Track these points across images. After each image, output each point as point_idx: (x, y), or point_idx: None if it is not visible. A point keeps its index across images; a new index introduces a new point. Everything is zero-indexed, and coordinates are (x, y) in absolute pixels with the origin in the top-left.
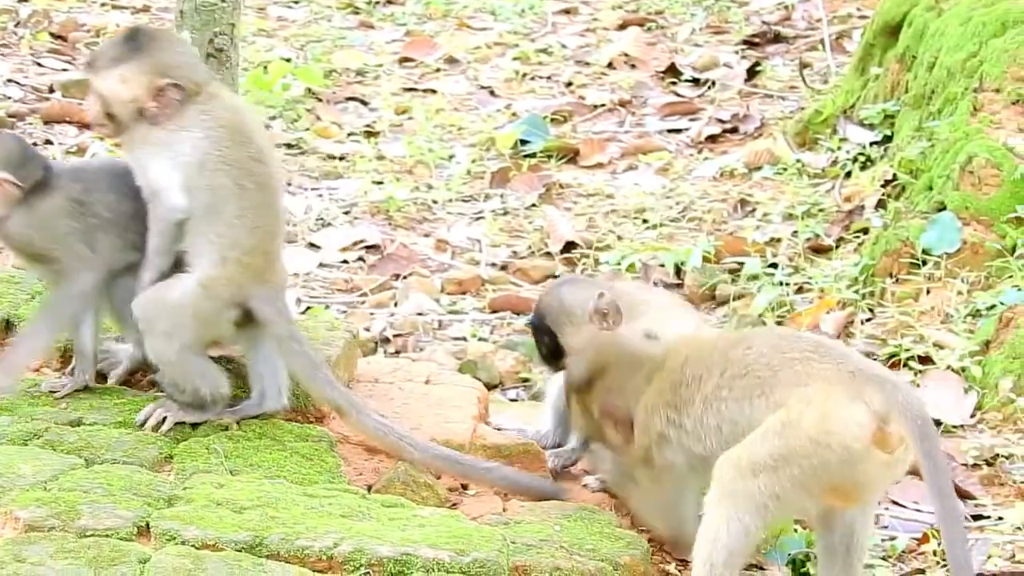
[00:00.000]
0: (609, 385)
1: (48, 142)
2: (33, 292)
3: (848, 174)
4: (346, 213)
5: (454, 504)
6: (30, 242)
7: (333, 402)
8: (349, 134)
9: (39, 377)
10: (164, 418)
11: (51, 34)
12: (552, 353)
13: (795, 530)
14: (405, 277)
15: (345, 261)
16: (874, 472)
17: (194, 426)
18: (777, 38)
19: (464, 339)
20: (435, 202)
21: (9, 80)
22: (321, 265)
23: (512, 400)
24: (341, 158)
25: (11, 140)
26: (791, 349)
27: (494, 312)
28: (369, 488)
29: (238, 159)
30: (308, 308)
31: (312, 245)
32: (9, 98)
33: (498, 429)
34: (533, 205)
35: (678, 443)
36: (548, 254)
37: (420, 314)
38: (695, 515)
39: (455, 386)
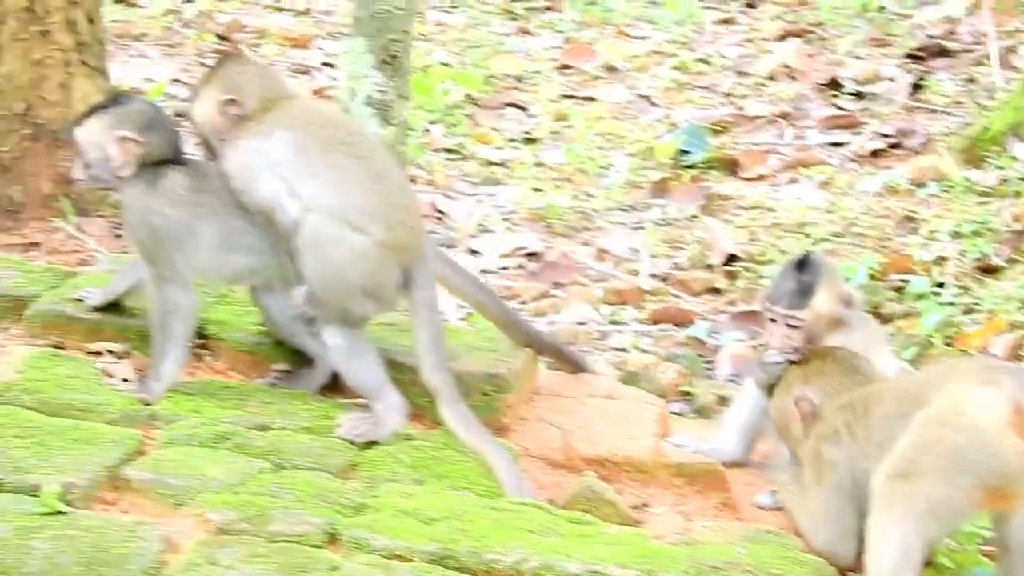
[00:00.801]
0: (816, 370)
1: None
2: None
3: (1017, 193)
4: (506, 219)
5: (637, 522)
6: (139, 220)
7: (435, 383)
8: (508, 140)
9: (227, 380)
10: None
11: (216, 35)
12: (797, 292)
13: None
14: (565, 286)
15: (505, 268)
16: (1018, 463)
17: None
18: (942, 52)
19: (625, 350)
20: (594, 211)
21: (175, 80)
22: (481, 271)
23: (675, 414)
24: (500, 164)
25: (145, 104)
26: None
27: (655, 323)
28: (550, 502)
29: (337, 137)
30: (469, 314)
31: (472, 251)
32: (175, 97)
33: (677, 446)
34: (693, 216)
35: (848, 448)
36: (709, 266)
37: (580, 324)
38: (854, 533)
39: (635, 401)
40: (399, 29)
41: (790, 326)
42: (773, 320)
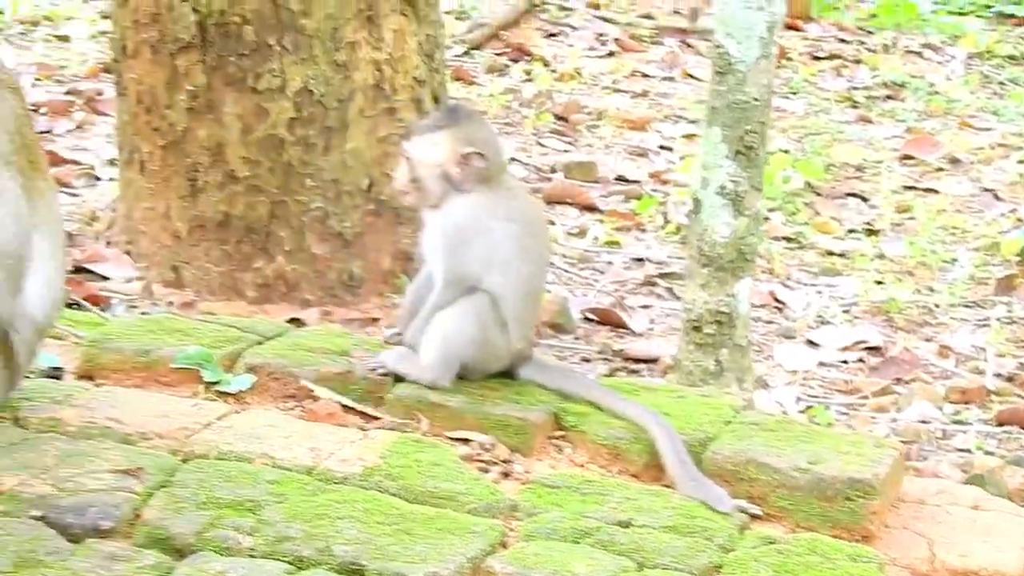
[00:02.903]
0: None
1: (551, 222)
2: None
3: None
4: (845, 312)
5: None
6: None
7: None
8: (848, 230)
9: (587, 474)
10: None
11: (554, 115)
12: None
13: None
14: (907, 382)
15: (845, 361)
16: None
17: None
18: None
19: (969, 451)
20: (937, 306)
21: (512, 159)
22: (820, 364)
23: None
24: (840, 255)
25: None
26: None
27: (1000, 425)
28: None
29: (543, 235)
30: (808, 407)
31: (811, 342)
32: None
33: None
34: None
35: None
36: None
37: (923, 422)
38: None
39: (1002, 513)
40: (755, 120)
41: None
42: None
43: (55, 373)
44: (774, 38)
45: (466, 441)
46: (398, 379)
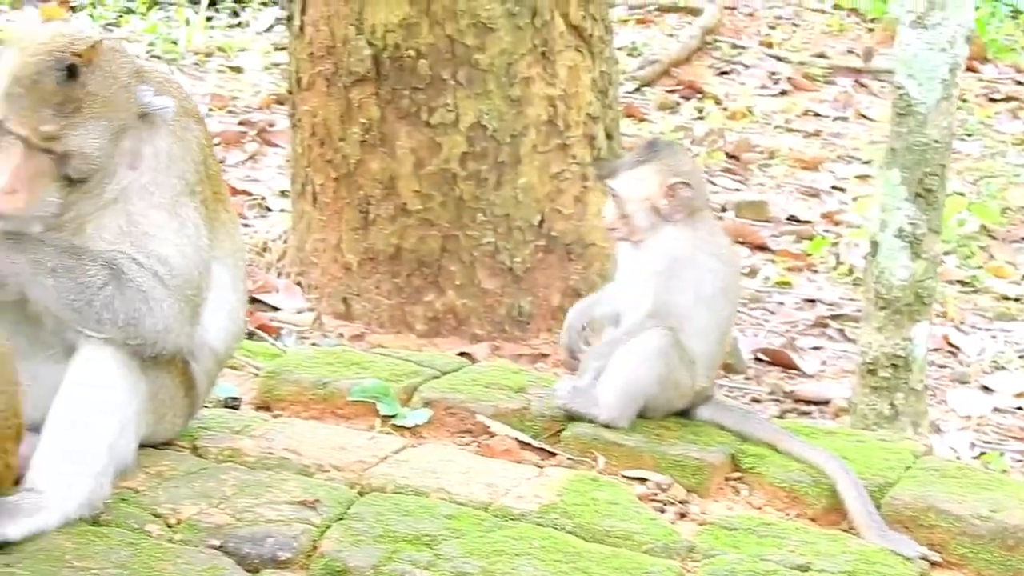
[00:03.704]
0: None
1: None
2: None
3: None
4: (1021, 357)
5: None
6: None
7: None
8: None
9: (764, 516)
10: None
11: (725, 153)
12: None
13: None
14: None
15: (1020, 408)
16: None
17: None
18: None
19: None
20: None
21: None
22: (995, 409)
23: None
24: (1015, 299)
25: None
26: None
27: None
28: None
29: (740, 275)
30: (982, 453)
31: (985, 388)
32: None
33: None
34: None
35: None
36: None
37: None
38: None
39: None
40: (935, 162)
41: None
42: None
43: (233, 403)
44: (955, 80)
45: (643, 480)
46: (573, 417)
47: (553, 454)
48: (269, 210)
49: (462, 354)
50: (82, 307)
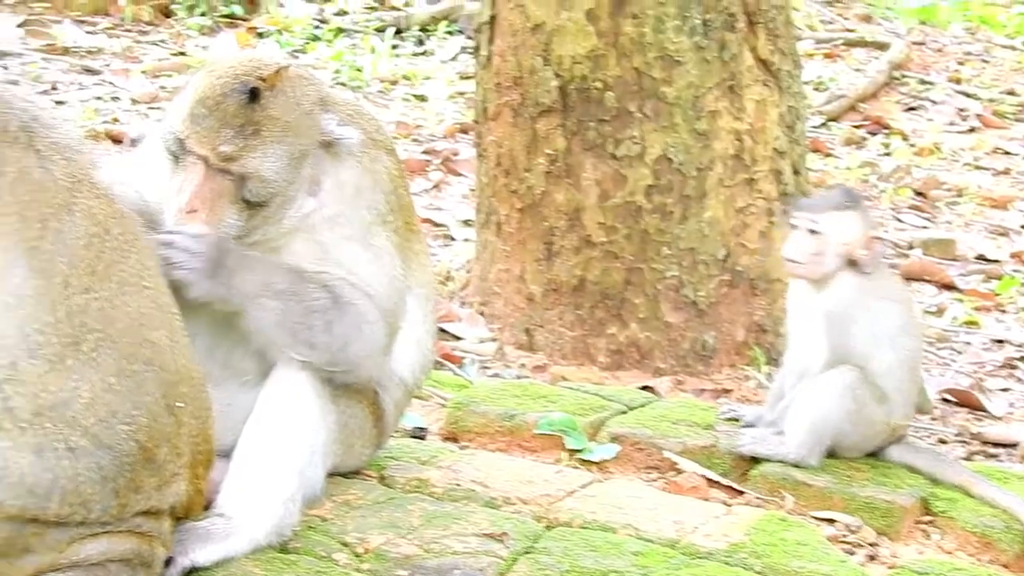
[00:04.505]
0: None
1: None
2: None
3: None
4: None
5: None
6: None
7: None
8: None
9: (956, 562)
10: None
11: (912, 190)
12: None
13: None
14: None
15: None
16: None
17: None
18: None
19: None
20: None
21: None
22: None
23: None
24: None
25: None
26: None
27: None
28: None
29: (914, 323)
30: None
31: None
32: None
33: None
34: None
35: None
36: None
37: None
38: None
39: None
40: None
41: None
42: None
43: (419, 433)
44: None
45: (832, 521)
46: (756, 459)
47: (741, 492)
48: (452, 239)
49: (645, 387)
50: (301, 329)
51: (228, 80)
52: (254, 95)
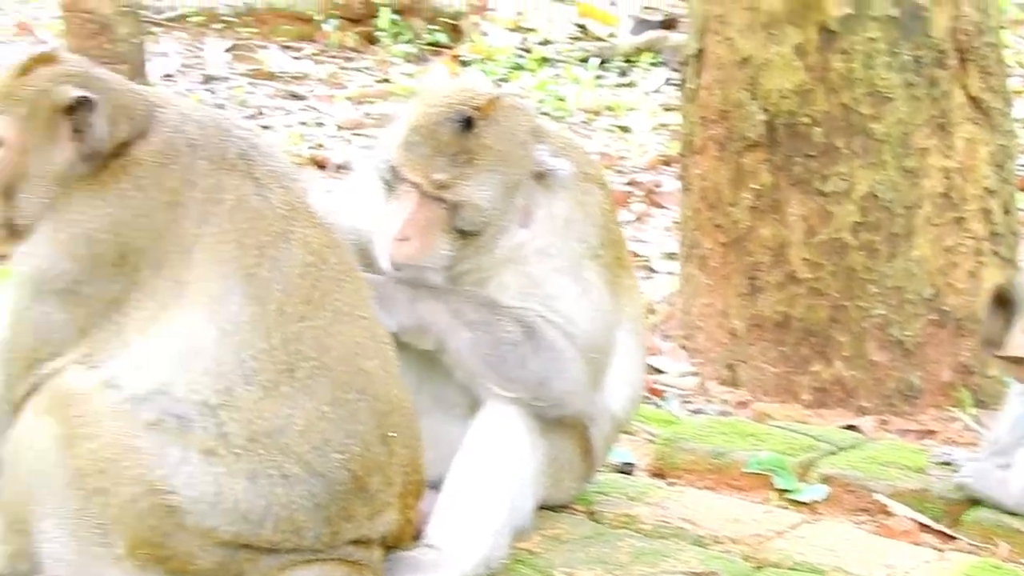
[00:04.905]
0: None
1: None
2: None
3: None
4: None
5: None
6: None
7: None
8: None
9: None
10: None
11: None
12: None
13: None
14: None
15: None
16: None
17: None
18: None
19: None
20: None
21: None
22: None
23: None
24: None
25: None
26: None
27: None
28: None
29: None
30: None
31: None
32: None
33: None
34: None
35: None
36: None
37: None
38: None
39: None
40: None
41: None
42: None
43: (626, 469)
44: None
45: None
46: (975, 500)
47: (953, 538)
48: (655, 271)
49: (848, 426)
50: (496, 363)
51: (442, 109)
52: (468, 124)
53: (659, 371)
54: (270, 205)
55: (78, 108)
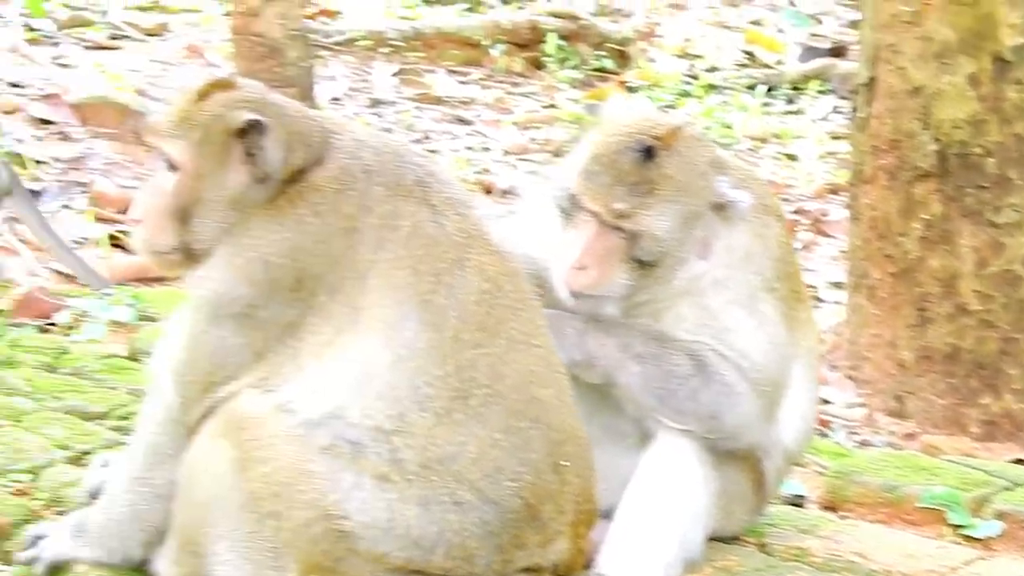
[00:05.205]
0: None
1: None
2: None
3: None
4: None
5: None
6: None
7: None
8: None
9: None
10: None
11: None
12: None
13: None
14: None
15: None
16: None
17: None
18: None
19: None
20: None
21: None
22: None
23: None
24: None
25: None
26: None
27: None
28: None
29: None
30: None
31: None
32: None
33: None
34: None
35: None
36: None
37: None
38: None
39: None
40: None
41: None
42: None
43: (797, 501)
44: None
45: None
46: None
47: None
48: (821, 301)
49: (1018, 460)
50: (666, 396)
51: (623, 138)
52: (649, 153)
53: (826, 401)
54: (446, 232)
55: (249, 131)
